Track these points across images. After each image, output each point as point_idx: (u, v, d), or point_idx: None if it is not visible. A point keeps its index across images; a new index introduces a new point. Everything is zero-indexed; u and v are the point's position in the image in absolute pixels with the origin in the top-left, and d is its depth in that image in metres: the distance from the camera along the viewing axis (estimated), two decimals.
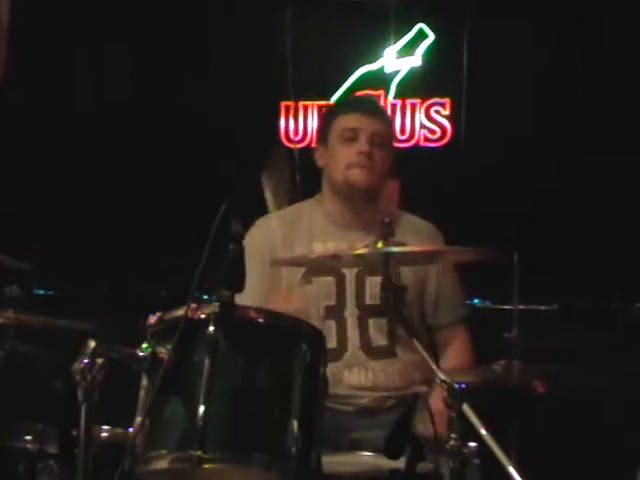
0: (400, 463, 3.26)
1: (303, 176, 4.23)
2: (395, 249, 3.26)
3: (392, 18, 4.77)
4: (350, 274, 3.72)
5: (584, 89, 4.80)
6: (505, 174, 4.45)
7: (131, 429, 2.97)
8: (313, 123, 5.01)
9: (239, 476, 3.02)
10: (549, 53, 4.74)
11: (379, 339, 3.73)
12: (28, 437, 3.14)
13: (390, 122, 4.03)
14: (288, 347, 3.02)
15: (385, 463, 3.27)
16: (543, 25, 4.67)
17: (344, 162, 3.69)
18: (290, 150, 3.93)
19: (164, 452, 2.89)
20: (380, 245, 3.21)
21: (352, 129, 3.71)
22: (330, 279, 3.73)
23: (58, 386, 3.18)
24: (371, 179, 3.70)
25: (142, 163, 5.26)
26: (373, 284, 3.70)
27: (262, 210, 3.90)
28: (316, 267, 3.68)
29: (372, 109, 3.88)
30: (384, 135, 3.76)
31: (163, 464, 2.88)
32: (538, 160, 4.43)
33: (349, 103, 4.08)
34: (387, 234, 3.21)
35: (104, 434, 3.07)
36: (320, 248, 3.71)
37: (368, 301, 3.72)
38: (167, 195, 5.05)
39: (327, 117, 3.91)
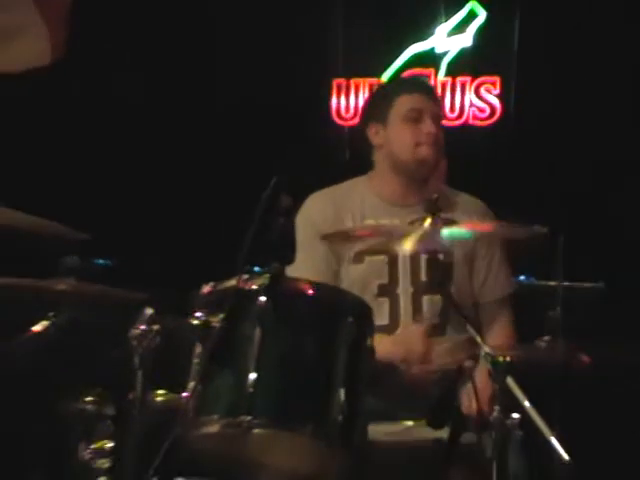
0: (443, 433, 3.32)
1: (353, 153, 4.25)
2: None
3: None
4: (403, 254, 3.74)
5: (633, 69, 4.76)
6: (553, 153, 4.45)
7: (184, 395, 3.01)
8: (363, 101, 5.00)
9: (286, 442, 3.07)
10: (599, 32, 4.70)
11: (431, 317, 3.76)
12: (88, 399, 3.22)
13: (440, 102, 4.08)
14: (335, 319, 3.09)
15: (429, 433, 3.33)
16: (594, 5, 4.64)
17: (413, 141, 3.74)
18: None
19: (215, 417, 2.97)
20: (428, 221, 3.30)
21: (418, 109, 3.75)
22: (382, 257, 3.75)
23: (115, 352, 3.25)
24: (437, 156, 3.78)
25: (195, 140, 5.31)
26: (427, 262, 3.73)
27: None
28: (368, 246, 3.72)
29: (432, 91, 3.98)
30: (441, 116, 3.87)
31: (214, 428, 2.96)
32: (586, 140, 4.41)
33: (411, 84, 4.16)
34: (435, 210, 3.30)
35: (159, 399, 3.11)
36: (370, 224, 3.73)
37: (423, 278, 3.75)
38: (221, 169, 5.05)
39: (386, 96, 3.89)
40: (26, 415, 3.74)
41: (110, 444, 3.07)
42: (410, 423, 3.45)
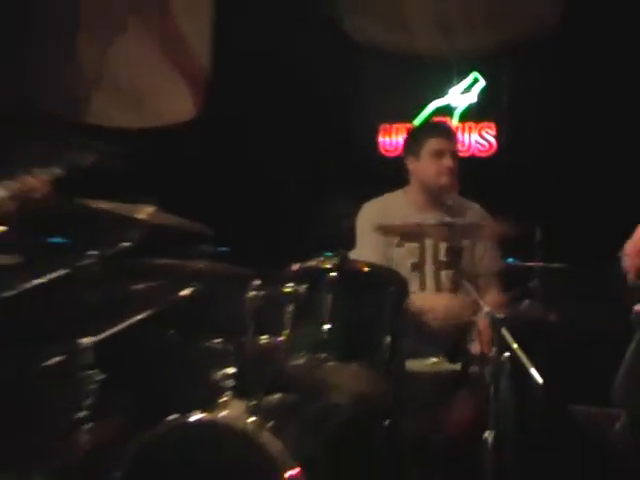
0: (457, 366, 3.42)
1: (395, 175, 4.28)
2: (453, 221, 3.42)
3: (455, 67, 4.82)
4: (428, 241, 3.79)
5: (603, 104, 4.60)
6: (533, 174, 4.46)
7: (280, 339, 3.11)
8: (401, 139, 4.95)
9: (349, 371, 3.13)
10: (574, 96, 4.61)
11: (447, 284, 3.81)
12: (217, 340, 3.26)
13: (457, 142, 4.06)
14: (382, 287, 3.20)
15: (447, 366, 3.44)
16: (567, 74, 4.61)
17: (436, 171, 3.79)
18: None
19: (302, 354, 3.09)
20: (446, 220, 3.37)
21: (441, 150, 3.80)
22: (415, 244, 3.80)
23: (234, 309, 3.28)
24: (453, 182, 3.82)
25: (289, 166, 5.20)
26: (444, 248, 3.79)
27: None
28: (406, 236, 3.75)
29: (452, 135, 3.99)
30: (457, 152, 3.89)
31: (301, 361, 3.08)
32: (561, 168, 4.41)
33: (437, 129, 4.06)
34: (455, 215, 3.37)
35: (262, 341, 3.14)
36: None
37: (442, 259, 3.80)
38: (304, 186, 4.99)
39: (419, 137, 3.90)
40: (179, 349, 3.78)
41: (232, 369, 3.11)
42: (434, 359, 3.45)
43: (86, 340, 3.04)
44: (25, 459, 3.09)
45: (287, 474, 2.74)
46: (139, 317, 3.36)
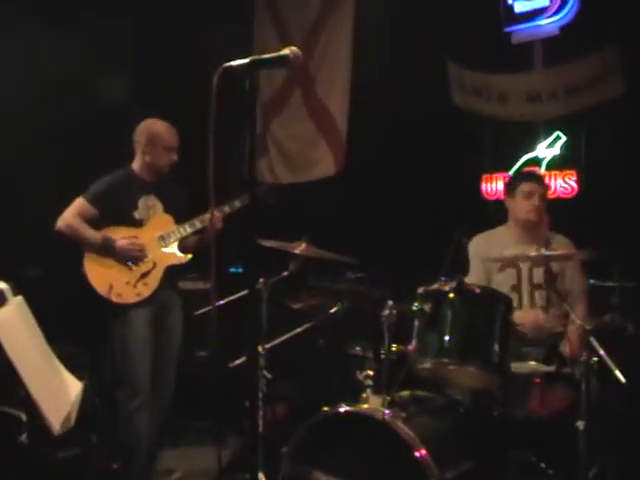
0: (552, 368, 3.21)
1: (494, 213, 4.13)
2: (549, 253, 3.24)
3: (541, 127, 4.68)
4: (524, 267, 3.62)
5: None
6: (609, 212, 4.21)
7: (410, 346, 3.01)
8: (500, 186, 4.82)
9: (467, 372, 3.00)
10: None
11: (540, 302, 3.61)
12: (357, 348, 3.23)
13: (546, 186, 3.90)
14: (493, 305, 3.05)
15: (543, 368, 3.22)
16: (632, 130, 4.36)
17: (526, 210, 3.64)
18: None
19: (427, 359, 2.97)
20: (543, 251, 3.20)
21: (531, 192, 3.65)
22: (513, 270, 3.64)
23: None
24: (539, 218, 3.65)
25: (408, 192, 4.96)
26: (538, 272, 3.60)
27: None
28: (506, 263, 3.61)
29: (540, 180, 3.81)
30: (545, 194, 3.71)
31: (427, 365, 2.97)
32: (631, 205, 4.13)
33: (530, 175, 3.91)
34: (546, 245, 3.21)
35: (394, 349, 3.04)
36: (506, 253, 3.59)
37: (535, 281, 3.62)
38: (422, 218, 4.86)
39: (514, 183, 3.77)
40: (330, 355, 3.76)
41: (372, 371, 3.05)
42: (533, 363, 3.27)
43: (260, 347, 3.06)
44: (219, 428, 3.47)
45: (416, 454, 2.69)
46: (299, 329, 3.33)
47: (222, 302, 3.18)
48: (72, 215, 3.67)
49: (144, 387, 3.57)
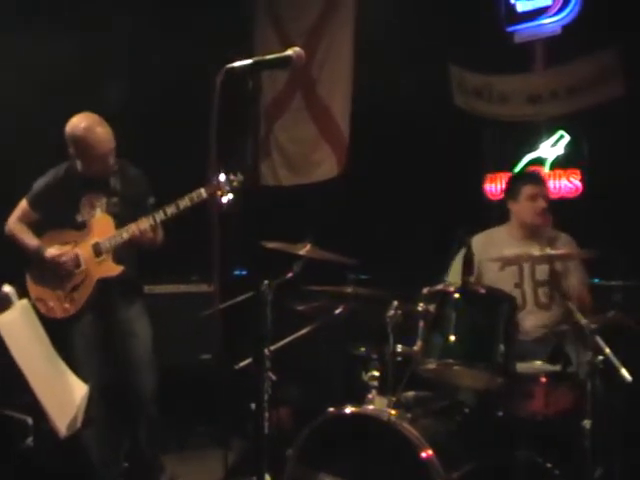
0: (557, 367, 3.20)
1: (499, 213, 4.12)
2: (553, 252, 3.24)
3: (544, 127, 4.67)
4: (527, 265, 3.63)
5: None
6: (613, 211, 4.19)
7: (414, 347, 3.00)
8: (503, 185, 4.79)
9: (471, 373, 3.00)
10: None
11: (543, 299, 3.63)
12: (362, 348, 3.21)
13: (547, 185, 3.89)
14: (496, 304, 3.03)
15: (548, 367, 3.21)
16: (634, 127, 4.35)
17: (532, 212, 3.65)
18: None
19: (432, 360, 2.96)
20: (547, 250, 3.20)
21: (535, 194, 3.66)
22: (515, 268, 3.65)
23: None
24: (546, 219, 3.67)
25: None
26: (540, 270, 3.61)
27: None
28: (508, 261, 3.60)
29: (542, 181, 3.81)
30: (547, 194, 3.74)
31: (432, 365, 2.96)
32: (634, 203, 4.12)
33: (532, 177, 3.88)
34: (550, 244, 3.23)
35: (399, 349, 3.03)
36: (507, 252, 3.61)
37: (538, 278, 3.63)
38: (432, 227, 4.83)
39: (518, 184, 3.77)
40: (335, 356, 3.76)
41: (377, 372, 3.01)
42: (539, 362, 3.27)
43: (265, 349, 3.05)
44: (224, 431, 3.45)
45: (422, 455, 2.68)
46: (303, 331, 3.31)
47: (226, 304, 3.17)
48: (14, 220, 3.49)
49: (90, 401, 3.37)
